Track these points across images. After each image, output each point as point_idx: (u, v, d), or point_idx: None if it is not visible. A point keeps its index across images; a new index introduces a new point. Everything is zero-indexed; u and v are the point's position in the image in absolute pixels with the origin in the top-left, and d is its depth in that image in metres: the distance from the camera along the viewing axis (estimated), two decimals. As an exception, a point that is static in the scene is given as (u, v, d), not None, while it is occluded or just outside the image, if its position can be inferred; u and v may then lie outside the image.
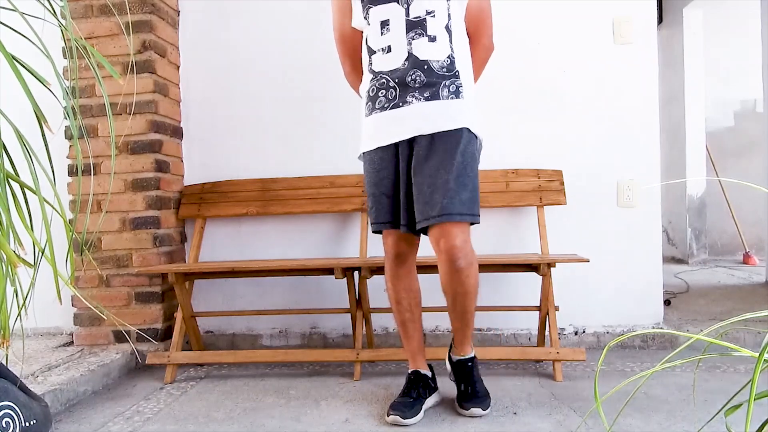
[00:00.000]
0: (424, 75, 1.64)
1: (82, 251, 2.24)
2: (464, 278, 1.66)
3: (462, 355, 1.83)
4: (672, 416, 1.70)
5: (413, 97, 1.65)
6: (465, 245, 1.64)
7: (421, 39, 1.65)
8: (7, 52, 0.93)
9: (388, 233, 1.78)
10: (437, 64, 1.65)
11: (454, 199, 1.61)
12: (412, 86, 1.65)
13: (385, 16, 1.68)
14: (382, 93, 1.69)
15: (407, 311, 1.84)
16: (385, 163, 1.72)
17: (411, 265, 1.84)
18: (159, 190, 2.51)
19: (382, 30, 1.68)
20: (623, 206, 2.54)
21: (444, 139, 1.64)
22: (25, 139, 1.03)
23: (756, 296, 3.32)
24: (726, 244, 5.44)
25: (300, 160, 2.67)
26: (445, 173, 1.62)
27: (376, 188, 1.75)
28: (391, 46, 1.68)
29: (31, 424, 1.50)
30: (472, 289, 1.69)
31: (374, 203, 1.76)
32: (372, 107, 1.73)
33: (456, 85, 1.67)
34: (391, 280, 1.83)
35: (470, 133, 1.68)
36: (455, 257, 1.63)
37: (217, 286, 2.71)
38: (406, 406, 1.72)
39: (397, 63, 1.67)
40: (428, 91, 1.64)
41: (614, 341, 0.77)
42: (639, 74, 2.53)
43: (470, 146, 1.68)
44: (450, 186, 1.61)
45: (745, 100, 5.44)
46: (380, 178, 1.74)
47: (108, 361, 2.27)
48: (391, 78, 1.68)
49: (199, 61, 2.73)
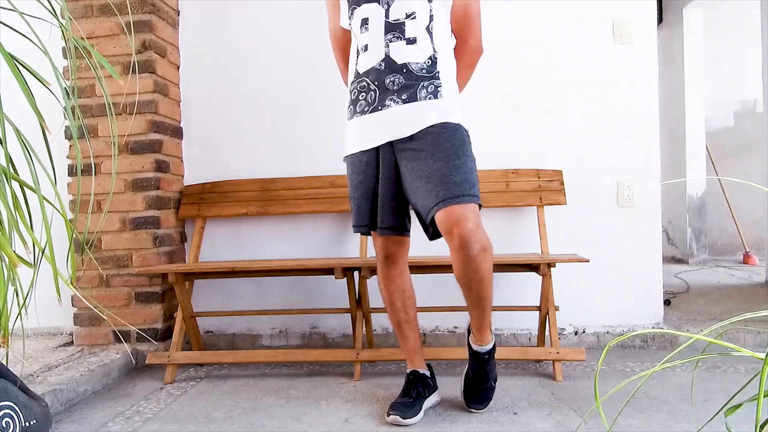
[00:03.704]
0: (403, 78, 1.63)
1: (82, 251, 2.24)
2: (477, 264, 1.59)
3: (480, 345, 1.78)
4: (672, 416, 1.70)
5: (391, 100, 1.64)
6: (478, 230, 1.57)
7: (398, 42, 1.64)
8: (7, 53, 0.93)
9: (376, 235, 1.79)
10: (416, 66, 1.63)
11: (448, 183, 1.56)
12: (390, 89, 1.64)
13: (365, 15, 1.68)
14: (362, 96, 1.69)
15: (401, 312, 1.84)
16: (364, 166, 1.73)
17: (402, 266, 1.83)
18: (159, 190, 2.51)
19: (361, 29, 1.69)
20: (623, 206, 2.54)
21: (428, 133, 1.62)
22: (25, 139, 1.03)
23: (756, 296, 3.32)
24: (726, 244, 5.44)
25: (300, 160, 2.67)
26: (434, 162, 1.59)
27: (355, 191, 1.77)
28: (368, 45, 1.67)
29: (31, 424, 1.50)
30: (487, 275, 1.64)
31: (354, 205, 1.79)
32: (353, 110, 1.73)
33: (435, 86, 1.64)
34: (383, 281, 1.84)
35: (454, 124, 1.64)
36: (468, 243, 1.55)
37: (217, 286, 2.71)
38: (405, 406, 1.72)
39: (373, 62, 1.66)
40: (406, 93, 1.63)
41: (614, 341, 0.77)
42: (639, 74, 2.53)
43: (457, 132, 1.64)
44: (442, 172, 1.58)
45: (745, 100, 5.44)
46: (359, 181, 1.75)
47: (108, 361, 2.27)
48: (371, 81, 1.67)
49: (199, 61, 2.73)
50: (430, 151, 1.61)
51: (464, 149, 1.64)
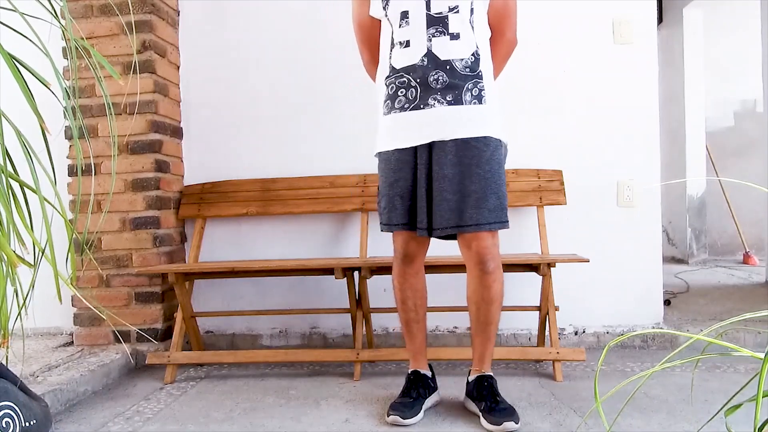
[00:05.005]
0: (447, 76, 1.61)
1: (82, 251, 2.24)
2: (491, 282, 1.67)
3: (482, 372, 1.78)
4: (672, 416, 1.70)
5: (435, 99, 1.62)
6: (494, 248, 1.67)
7: (442, 37, 1.61)
8: (6, 53, 0.93)
9: (397, 234, 1.76)
10: (461, 63, 1.62)
11: (482, 209, 1.62)
12: (434, 87, 1.61)
13: (404, 8, 1.64)
14: (402, 92, 1.66)
15: (412, 311, 1.82)
16: (402, 164, 1.69)
17: (419, 265, 1.81)
18: (159, 190, 2.51)
19: (401, 22, 1.65)
20: (623, 206, 2.54)
21: (469, 146, 1.62)
22: (25, 139, 1.03)
23: (756, 296, 3.32)
24: (726, 244, 5.44)
25: (300, 160, 2.67)
26: (471, 183, 1.61)
27: (391, 189, 1.72)
28: (409, 41, 1.64)
29: (31, 424, 1.50)
30: (498, 296, 1.71)
31: (387, 204, 1.73)
32: (391, 106, 1.69)
33: (479, 89, 1.63)
34: (398, 278, 1.81)
35: (495, 140, 1.66)
36: (485, 258, 1.64)
37: (217, 286, 2.71)
38: (405, 406, 1.72)
39: (414, 59, 1.63)
40: (451, 94, 1.61)
41: (614, 341, 0.77)
42: (639, 74, 2.53)
43: (496, 154, 1.66)
44: (478, 196, 1.61)
45: (745, 100, 5.44)
46: (396, 179, 1.70)
47: (108, 361, 2.27)
48: (413, 77, 1.64)
49: (199, 61, 2.73)
50: (469, 171, 1.62)
51: (500, 170, 1.68)
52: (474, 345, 1.79)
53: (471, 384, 1.78)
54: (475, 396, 1.74)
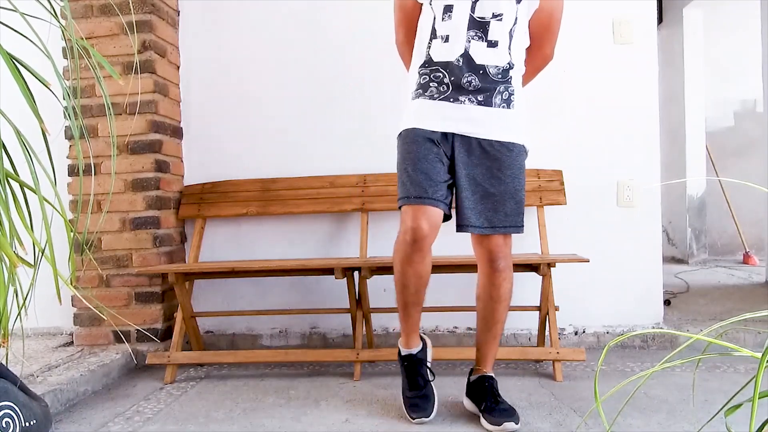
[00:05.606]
0: (479, 80, 1.62)
1: (82, 251, 2.24)
2: (501, 281, 1.69)
3: (483, 373, 1.77)
4: (672, 416, 1.70)
5: (466, 98, 1.63)
6: (506, 248, 1.69)
7: (480, 42, 1.61)
8: (6, 53, 0.93)
9: (409, 210, 1.64)
10: (494, 69, 1.63)
11: (499, 212, 1.65)
12: (466, 88, 1.63)
13: (450, 1, 1.62)
14: (434, 85, 1.66)
15: (413, 295, 1.73)
16: (424, 141, 1.66)
17: (426, 250, 1.67)
18: (159, 190, 2.51)
19: (443, 15, 1.64)
20: (623, 206, 2.54)
21: (495, 148, 1.65)
22: (25, 139, 1.03)
23: (756, 296, 3.32)
24: (726, 244, 5.44)
25: (300, 160, 2.67)
26: (491, 186, 1.64)
27: (413, 165, 1.65)
28: (449, 36, 1.63)
29: (31, 424, 1.50)
30: (506, 295, 1.72)
31: (407, 178, 1.66)
32: (421, 93, 1.68)
33: (509, 92, 1.65)
34: (401, 263, 1.68)
35: (520, 146, 1.70)
36: (497, 256, 1.67)
37: (217, 286, 2.71)
38: (422, 399, 1.72)
39: (451, 56, 1.63)
40: (482, 95, 1.63)
41: (614, 341, 0.77)
42: (639, 74, 2.53)
43: (519, 159, 1.69)
44: (496, 199, 1.65)
45: (745, 100, 5.44)
46: (421, 156, 1.65)
47: (108, 361, 2.27)
48: (447, 74, 1.64)
49: (199, 61, 2.73)
50: (490, 173, 1.65)
51: (521, 175, 1.70)
52: (478, 344, 1.79)
53: (471, 384, 1.78)
54: (476, 396, 1.74)
